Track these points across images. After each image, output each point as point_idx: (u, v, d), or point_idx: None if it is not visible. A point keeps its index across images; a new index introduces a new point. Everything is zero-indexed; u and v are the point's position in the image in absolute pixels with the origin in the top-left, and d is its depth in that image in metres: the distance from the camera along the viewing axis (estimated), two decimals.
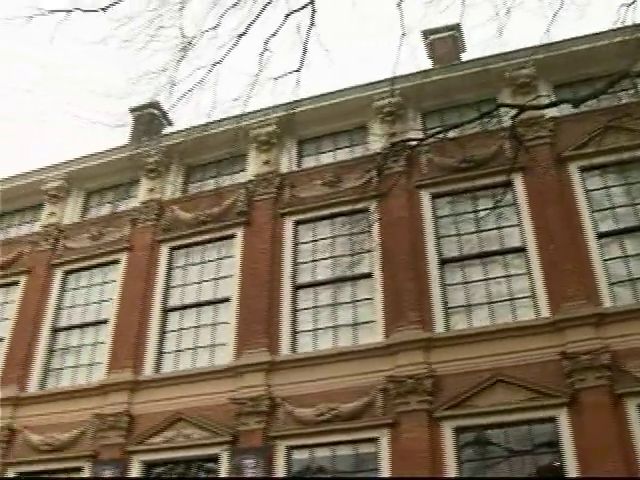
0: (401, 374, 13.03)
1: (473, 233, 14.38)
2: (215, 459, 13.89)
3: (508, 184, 13.83)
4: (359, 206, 13.47)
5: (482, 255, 14.19)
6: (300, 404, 13.58)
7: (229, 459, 13.60)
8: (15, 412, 16.03)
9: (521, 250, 13.97)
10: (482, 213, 13.96)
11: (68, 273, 18.01)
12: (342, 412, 13.16)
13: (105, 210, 18.86)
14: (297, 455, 13.43)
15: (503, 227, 14.26)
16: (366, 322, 14.29)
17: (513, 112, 12.89)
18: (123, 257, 17.27)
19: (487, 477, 12.21)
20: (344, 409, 13.16)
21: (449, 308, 13.81)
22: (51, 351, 16.95)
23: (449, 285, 14.07)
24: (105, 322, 16.62)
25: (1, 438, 15.71)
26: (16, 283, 18.42)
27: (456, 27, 19.40)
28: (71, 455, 14.94)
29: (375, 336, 13.92)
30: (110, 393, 15.22)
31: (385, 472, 12.50)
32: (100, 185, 19.24)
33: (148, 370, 15.36)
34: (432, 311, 13.70)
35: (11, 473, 15.32)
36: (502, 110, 14.06)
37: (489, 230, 14.23)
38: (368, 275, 14.66)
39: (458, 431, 12.51)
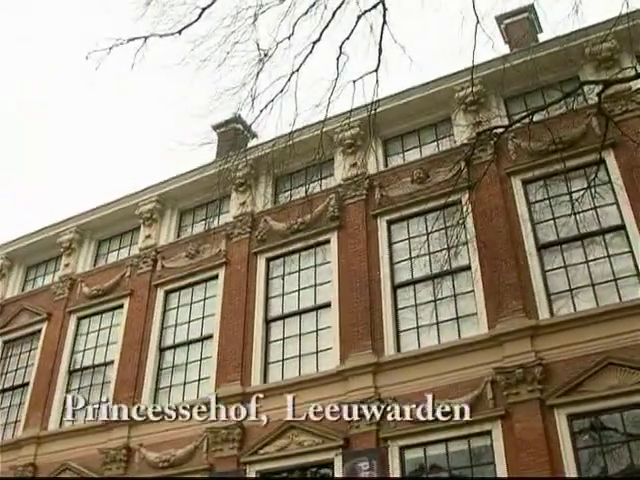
0: (509, 364, 13.05)
1: (569, 215, 14.16)
2: (329, 464, 14.12)
3: (600, 162, 13.66)
4: (450, 199, 13.55)
5: (580, 237, 14.06)
6: (410, 402, 13.62)
7: (343, 463, 13.78)
8: (130, 431, 16.65)
9: (620, 228, 13.79)
10: (576, 194, 13.77)
11: (169, 292, 18.69)
12: (452, 408, 13.17)
13: (199, 228, 19.54)
14: (410, 454, 13.54)
15: (599, 207, 14.04)
16: (468, 315, 14.36)
17: (598, 88, 12.76)
18: (221, 272, 17.83)
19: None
20: (454, 404, 13.17)
21: (552, 294, 13.73)
22: (159, 370, 17.55)
23: (549, 270, 13.99)
24: (209, 337, 17.14)
25: (120, 457, 16.35)
26: (120, 306, 19.27)
27: (530, 8, 19.24)
28: (188, 469, 15.41)
29: (479, 328, 13.98)
30: (221, 407, 15.49)
31: (501, 464, 12.51)
32: (192, 204, 20.01)
33: (256, 381, 15.74)
34: (535, 298, 13.67)
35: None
36: (587, 87, 13.93)
37: (585, 211, 13.98)
38: (466, 268, 14.73)
39: (572, 418, 12.42)
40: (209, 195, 17.78)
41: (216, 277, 17.94)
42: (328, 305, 15.91)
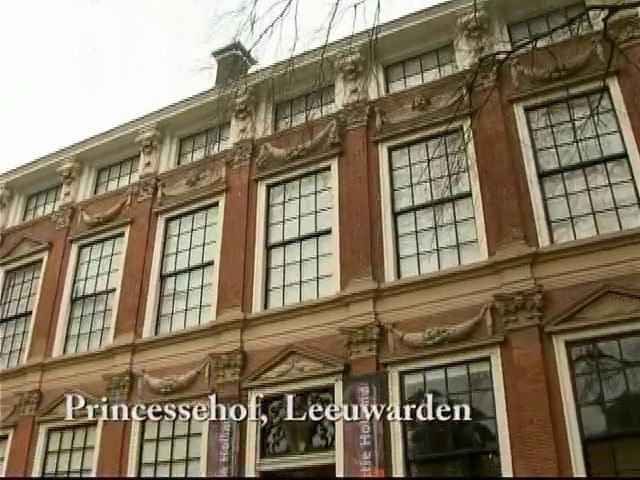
0: (508, 291, 13.11)
1: (571, 143, 14.06)
2: (329, 389, 14.29)
3: (604, 90, 13.48)
4: (452, 126, 13.41)
5: (582, 165, 13.95)
6: (409, 329, 13.83)
7: (343, 388, 13.96)
8: (133, 358, 16.90)
9: (622, 157, 13.66)
10: (579, 122, 13.63)
11: (170, 220, 18.72)
12: (452, 334, 13.35)
13: (199, 155, 19.43)
14: (410, 380, 13.70)
15: (602, 135, 13.89)
16: (468, 242, 14.36)
17: (604, 14, 12.51)
18: (221, 199, 17.80)
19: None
20: (454, 331, 13.35)
21: (552, 221, 13.71)
22: (161, 297, 17.68)
23: (550, 198, 13.93)
24: (210, 264, 17.20)
25: (123, 383, 16.61)
26: (121, 234, 19.33)
27: None
28: (190, 395, 15.64)
29: (479, 255, 13.99)
30: (222, 333, 15.81)
31: (499, 391, 12.66)
32: (192, 131, 19.86)
33: (257, 307, 15.86)
34: (535, 226, 13.63)
35: (136, 416, 16.12)
36: (592, 13, 13.67)
37: (587, 139, 13.87)
38: (467, 195, 14.68)
39: (570, 345, 12.51)
40: (209, 122, 17.72)
41: (216, 204, 17.90)
42: (328, 232, 15.93)
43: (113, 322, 17.96)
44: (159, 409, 15.94)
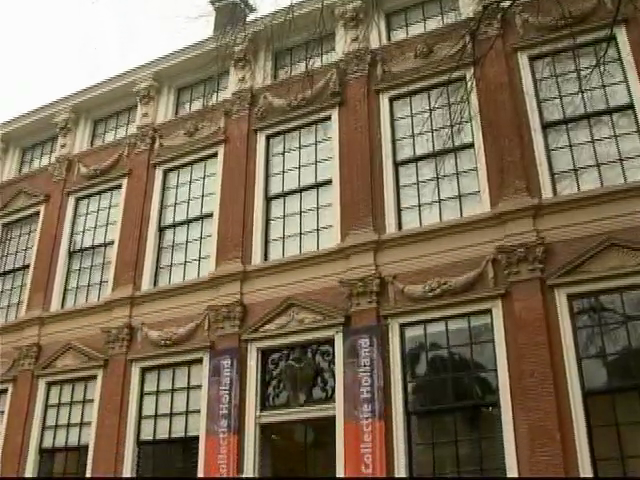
0: (511, 243, 13.05)
1: (576, 94, 13.84)
2: (329, 341, 14.35)
3: (611, 39, 13.22)
4: (454, 75, 13.21)
5: (587, 116, 13.75)
6: (410, 281, 13.82)
7: (343, 340, 14.01)
8: (132, 310, 16.93)
9: (628, 108, 13.45)
10: (584, 72, 13.39)
11: (168, 171, 18.58)
12: (453, 286, 13.33)
13: (197, 105, 19.21)
14: (410, 332, 13.73)
15: (608, 85, 13.70)
16: (471, 193, 14.24)
17: None
18: (220, 150, 17.63)
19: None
20: (455, 283, 13.33)
21: (555, 173, 13.56)
22: (160, 249, 17.66)
23: (554, 149, 13.76)
24: (209, 216, 17.13)
25: (122, 336, 16.66)
26: (119, 186, 19.21)
27: None
28: (190, 348, 15.72)
29: (481, 207, 13.90)
30: (221, 285, 15.82)
31: (500, 343, 12.69)
32: (190, 81, 19.59)
33: (256, 259, 15.84)
34: (538, 177, 13.49)
35: (136, 368, 16.28)
36: None
37: (593, 89, 13.63)
38: (470, 145, 14.52)
39: (572, 298, 12.47)
40: (207, 71, 17.60)
41: (215, 155, 17.73)
42: (329, 182, 15.82)
43: (111, 275, 17.94)
44: (159, 362, 16.07)
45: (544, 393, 11.89)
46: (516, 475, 11.73)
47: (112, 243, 18.50)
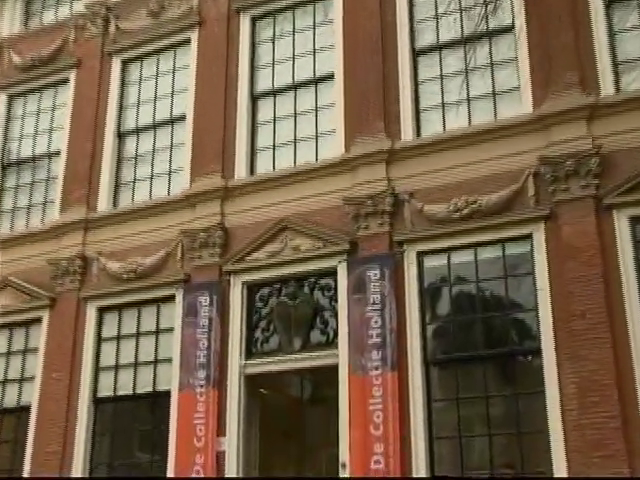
0: (558, 153, 12.82)
1: None
2: (331, 273, 14.38)
3: None
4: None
5: None
6: (431, 199, 13.73)
7: (348, 271, 13.98)
8: (86, 237, 16.87)
9: None
10: None
11: (128, 62, 18.31)
12: (484, 205, 13.21)
13: None
14: (430, 262, 13.73)
15: None
16: (508, 90, 14.07)
17: None
18: (194, 35, 17.27)
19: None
20: (486, 202, 13.20)
21: (619, 63, 13.23)
22: (120, 161, 17.57)
23: (619, 32, 13.38)
24: (181, 119, 16.97)
25: (74, 269, 16.61)
26: (65, 81, 18.90)
27: None
28: (159, 282, 15.72)
29: (521, 107, 13.67)
30: (198, 204, 15.76)
31: (542, 276, 12.60)
32: None
33: (241, 172, 15.74)
34: (596, 68, 13.18)
35: (92, 308, 16.27)
36: None
37: None
38: (508, 29, 14.24)
39: (635, 221, 12.37)
40: None
41: (187, 42, 17.41)
42: (331, 77, 15.62)
43: (59, 193, 17.78)
44: (120, 300, 16.12)
45: (598, 339, 11.83)
46: (562, 440, 11.72)
47: (58, 153, 18.28)
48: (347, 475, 13.00)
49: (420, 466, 12.56)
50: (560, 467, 11.67)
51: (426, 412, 12.88)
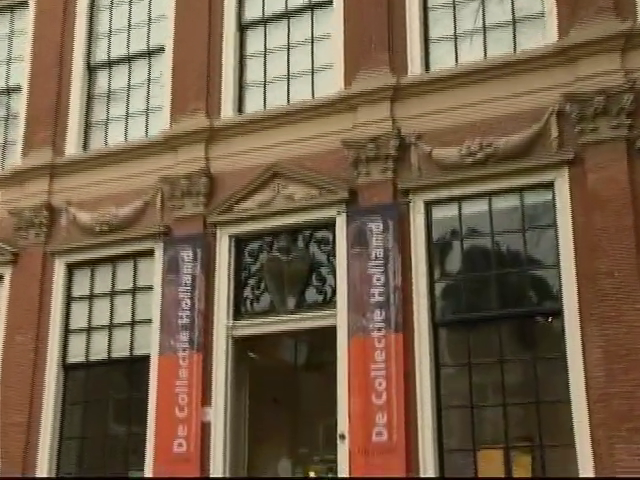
0: (585, 89, 12.62)
1: None
2: (328, 225, 14.38)
3: None
4: None
5: None
6: (440, 142, 13.60)
7: (347, 223, 13.92)
8: (52, 184, 16.83)
9: None
10: None
11: None
12: (501, 149, 13.07)
13: None
14: (439, 212, 13.71)
15: None
16: (531, 17, 13.85)
17: None
18: None
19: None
20: (503, 145, 13.05)
21: None
22: (90, 98, 17.45)
23: None
24: (160, 50, 16.84)
25: (40, 220, 16.53)
26: (23, 3, 18.71)
27: None
28: (137, 235, 15.71)
29: (544, 36, 13.49)
30: (179, 147, 15.67)
31: (565, 229, 12.48)
32: None
33: (227, 111, 15.63)
34: None
35: (60, 264, 16.25)
36: None
37: None
38: None
39: None
40: None
41: None
42: (329, 2, 15.45)
43: (20, 134, 17.67)
44: (92, 254, 16.05)
45: (627, 299, 11.75)
46: (585, 411, 11.66)
47: (19, 89, 18.19)
48: (346, 447, 13.01)
49: (427, 438, 12.53)
50: (583, 441, 11.58)
51: (434, 379, 12.87)
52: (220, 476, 13.91)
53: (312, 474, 16.69)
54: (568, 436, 11.80)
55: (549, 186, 12.89)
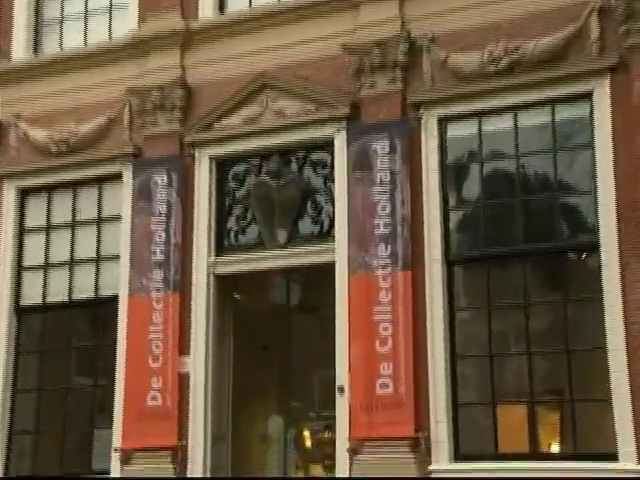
0: None
1: None
2: (326, 145, 14.24)
3: None
4: None
5: None
6: (458, 46, 13.25)
7: (348, 143, 13.69)
8: None
9: None
10: None
11: None
12: (529, 54, 12.70)
13: None
14: (455, 130, 13.50)
15: None
16: None
17: None
18: None
19: None
20: (533, 48, 12.67)
21: None
22: None
23: None
24: None
25: None
26: None
27: None
28: (101, 156, 15.55)
29: None
30: (151, 52, 15.44)
31: (604, 148, 12.17)
32: None
33: (207, 10, 15.36)
34: None
35: (10, 189, 16.20)
36: None
37: None
38: None
39: None
40: None
41: None
42: None
43: None
44: (49, 179, 15.93)
45: None
46: (624, 361, 11.48)
47: None
48: (345, 401, 13.01)
49: (439, 391, 12.50)
50: (621, 394, 11.47)
51: (447, 323, 12.83)
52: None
53: (307, 433, 16.75)
54: (603, 390, 11.72)
55: (586, 97, 12.58)
